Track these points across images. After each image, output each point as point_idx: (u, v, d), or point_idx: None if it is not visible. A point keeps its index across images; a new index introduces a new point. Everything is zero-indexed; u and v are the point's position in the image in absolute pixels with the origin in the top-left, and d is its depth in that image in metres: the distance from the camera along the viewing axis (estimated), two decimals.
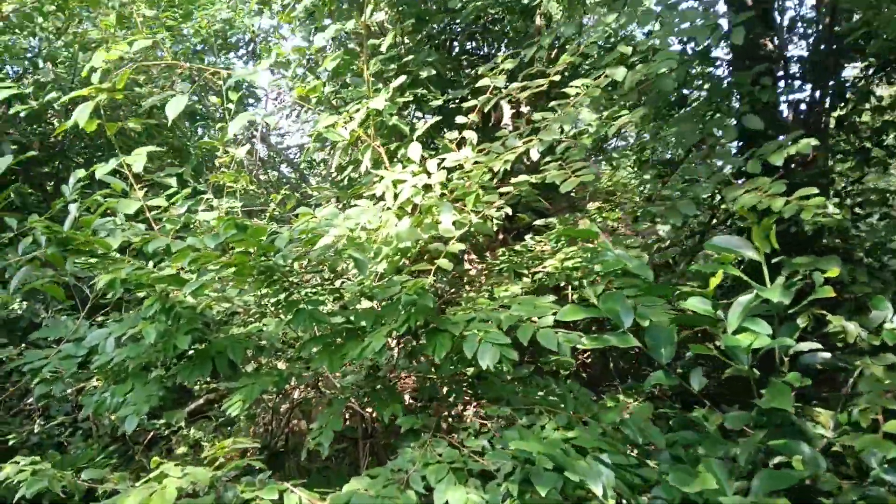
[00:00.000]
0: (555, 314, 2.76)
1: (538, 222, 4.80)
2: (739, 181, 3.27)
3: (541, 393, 3.20)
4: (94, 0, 5.64)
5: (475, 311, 2.81)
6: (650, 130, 3.61)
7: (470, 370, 3.65)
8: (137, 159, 3.49)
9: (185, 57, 7.26)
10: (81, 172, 3.56)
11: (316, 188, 5.44)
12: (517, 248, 4.10)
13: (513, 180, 3.23)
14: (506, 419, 2.91)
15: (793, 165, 4.39)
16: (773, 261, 2.71)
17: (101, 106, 3.55)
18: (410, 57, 4.40)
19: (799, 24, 5.51)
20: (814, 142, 2.75)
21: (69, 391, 4.81)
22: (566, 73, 3.45)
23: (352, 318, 2.96)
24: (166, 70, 7.18)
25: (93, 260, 3.34)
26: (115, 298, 3.91)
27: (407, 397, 4.10)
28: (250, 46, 9.33)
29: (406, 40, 5.02)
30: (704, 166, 3.11)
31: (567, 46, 3.68)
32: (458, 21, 5.32)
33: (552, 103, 3.20)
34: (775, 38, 5.35)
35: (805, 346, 2.70)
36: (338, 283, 3.25)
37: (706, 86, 4.39)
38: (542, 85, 3.22)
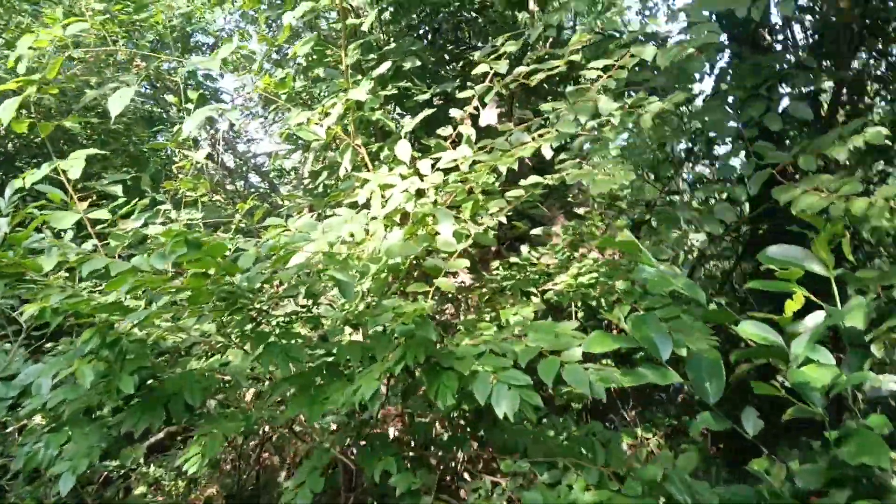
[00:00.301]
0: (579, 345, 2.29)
1: (535, 231, 4.31)
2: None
3: (561, 437, 2.69)
4: None
5: (484, 341, 2.30)
6: (671, 124, 3.16)
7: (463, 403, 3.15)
8: (74, 164, 2.95)
9: (140, 56, 6.70)
10: (19, 182, 3.02)
11: (287, 196, 4.91)
12: (516, 260, 3.61)
13: (523, 182, 2.73)
14: (523, 475, 2.40)
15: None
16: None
17: (47, 107, 3.03)
18: (392, 46, 3.90)
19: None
20: (884, 130, 2.30)
21: (10, 429, 4.22)
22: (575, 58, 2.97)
23: (334, 351, 2.44)
24: (119, 71, 6.60)
25: (24, 285, 2.80)
26: (57, 324, 3.37)
27: (393, 431, 3.57)
28: (214, 50, 8.75)
29: (383, 32, 4.53)
30: (749, 162, 2.64)
31: (577, 27, 3.20)
32: (440, 10, 4.83)
33: (569, 89, 2.71)
34: (777, 25, 4.95)
35: (889, 378, 2.24)
36: (315, 308, 2.72)
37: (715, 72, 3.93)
38: (557, 66, 2.73)
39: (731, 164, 2.74)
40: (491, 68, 3.02)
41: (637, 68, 2.86)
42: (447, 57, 5.02)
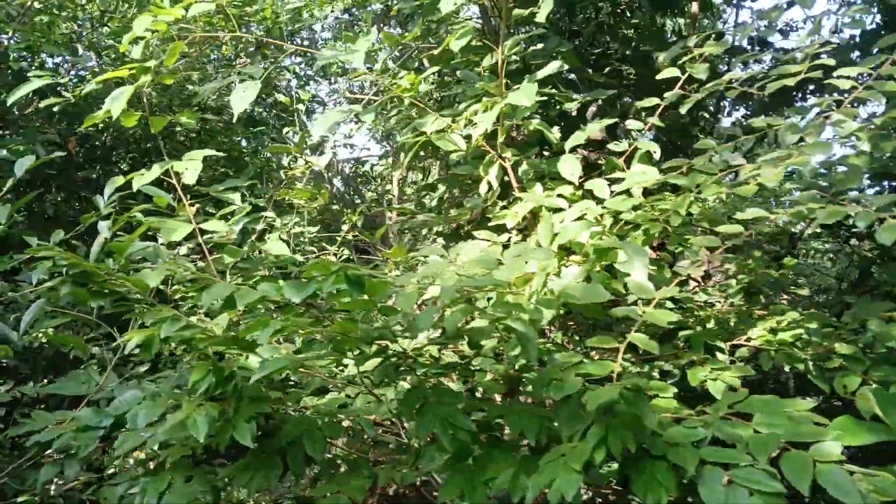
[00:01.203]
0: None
1: (680, 265, 3.76)
2: None
3: None
4: None
5: (703, 422, 1.78)
6: None
7: None
8: (190, 166, 2.57)
9: (246, 53, 6.42)
10: (121, 179, 2.66)
11: (401, 210, 4.49)
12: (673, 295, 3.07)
13: (740, 215, 2.22)
14: None
15: None
16: None
17: (149, 97, 2.67)
18: (540, 46, 3.43)
19: None
20: None
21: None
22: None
23: (501, 417, 1.97)
24: (220, 68, 6.34)
25: (124, 304, 2.42)
26: None
27: None
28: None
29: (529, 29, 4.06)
30: None
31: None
32: (579, 11, 4.35)
33: (810, 101, 2.19)
34: None
35: None
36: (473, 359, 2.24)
37: None
38: (797, 74, 2.19)
39: None
40: (684, 72, 2.50)
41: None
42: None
